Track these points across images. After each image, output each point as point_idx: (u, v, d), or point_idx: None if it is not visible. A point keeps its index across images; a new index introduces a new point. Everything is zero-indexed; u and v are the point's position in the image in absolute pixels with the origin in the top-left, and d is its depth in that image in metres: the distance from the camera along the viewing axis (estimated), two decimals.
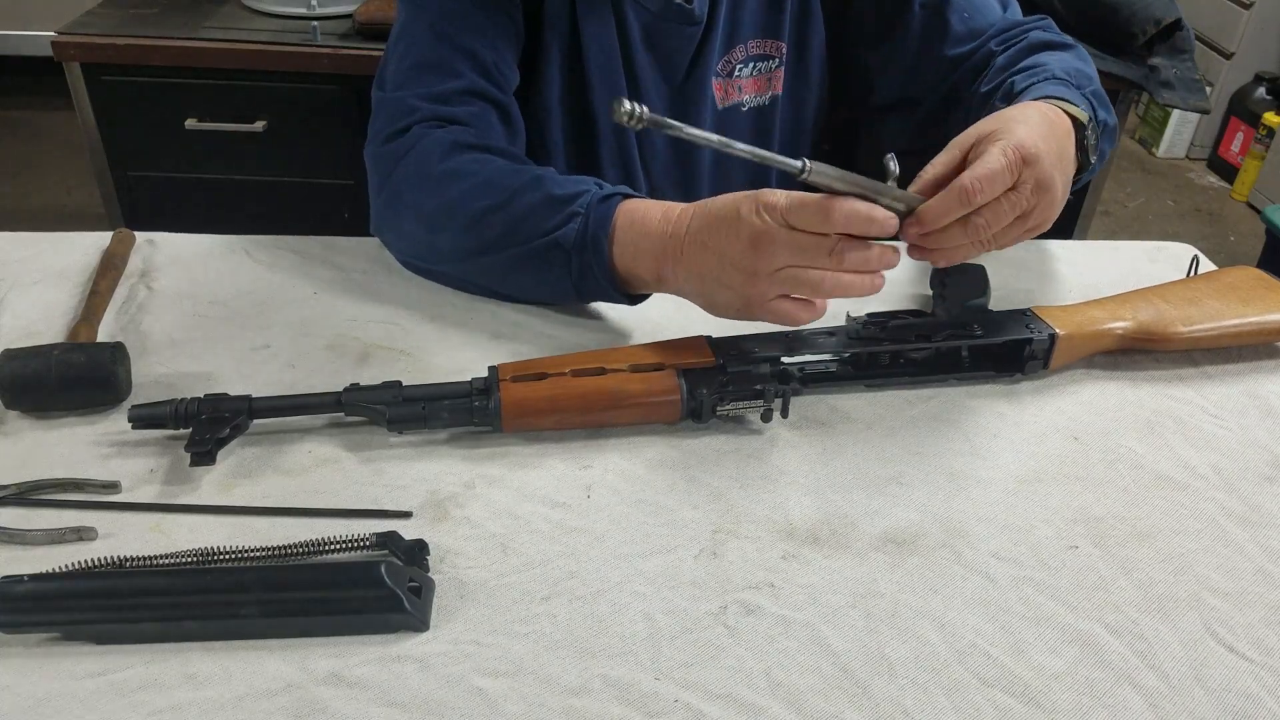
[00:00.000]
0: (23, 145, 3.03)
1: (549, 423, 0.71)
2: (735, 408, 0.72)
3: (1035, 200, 0.70)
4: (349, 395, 0.70)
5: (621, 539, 0.64)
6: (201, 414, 0.68)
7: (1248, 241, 2.95)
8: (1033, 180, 0.69)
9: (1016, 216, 0.70)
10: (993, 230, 0.70)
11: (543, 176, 0.80)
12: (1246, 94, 3.23)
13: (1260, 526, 0.68)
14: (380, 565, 0.57)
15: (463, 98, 0.87)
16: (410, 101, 0.86)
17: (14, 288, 0.87)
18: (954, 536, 0.65)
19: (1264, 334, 0.84)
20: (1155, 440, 0.75)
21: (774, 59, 1.00)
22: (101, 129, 1.70)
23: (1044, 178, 0.69)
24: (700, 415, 0.72)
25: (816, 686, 0.55)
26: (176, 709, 0.53)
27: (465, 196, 0.81)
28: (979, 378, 0.79)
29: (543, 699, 0.54)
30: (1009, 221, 0.70)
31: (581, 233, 0.77)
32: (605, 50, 0.93)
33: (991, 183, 0.68)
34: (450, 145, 0.83)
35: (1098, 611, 0.61)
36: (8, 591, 0.55)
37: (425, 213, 0.83)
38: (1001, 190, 0.69)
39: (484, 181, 0.81)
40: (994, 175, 0.68)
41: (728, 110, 1.01)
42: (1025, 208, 0.70)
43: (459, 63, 0.87)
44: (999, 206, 0.69)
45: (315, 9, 1.72)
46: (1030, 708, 0.55)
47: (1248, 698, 0.56)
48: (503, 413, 0.70)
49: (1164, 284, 0.87)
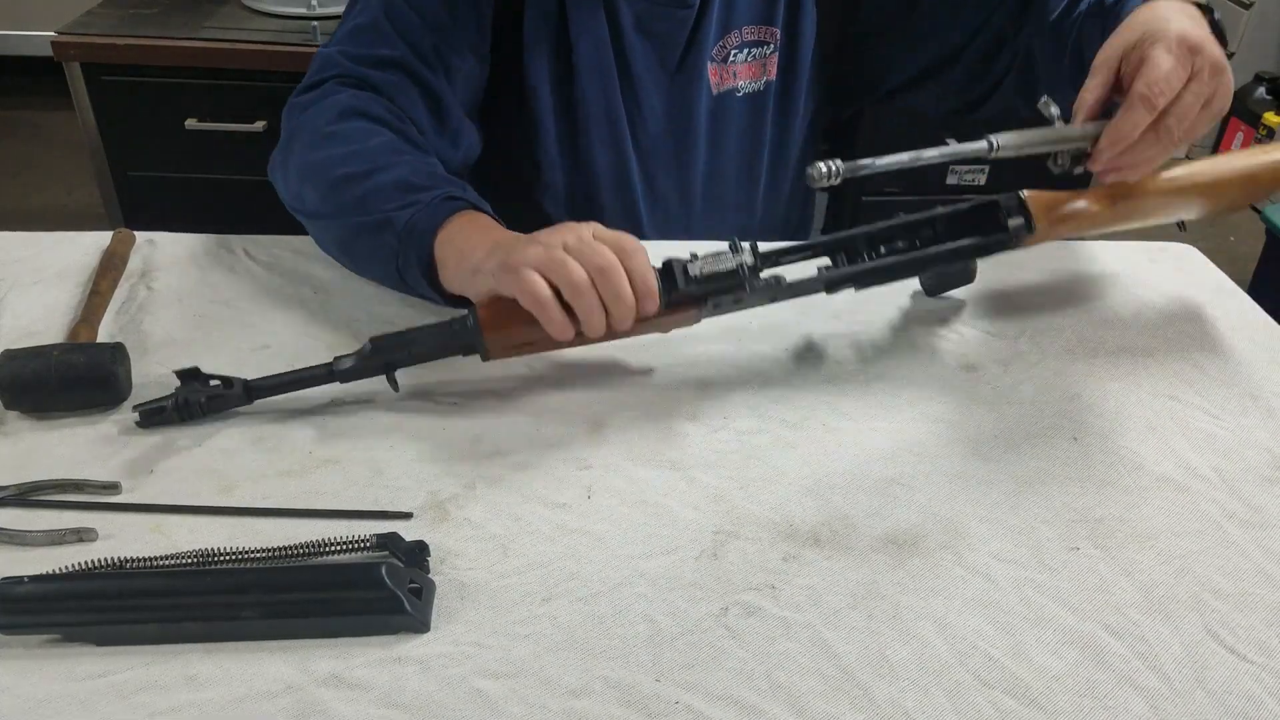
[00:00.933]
0: (23, 145, 3.03)
1: (533, 334, 0.70)
2: (709, 271, 0.71)
3: (1215, 84, 0.71)
4: (340, 361, 0.72)
5: (622, 540, 0.64)
6: (203, 401, 0.70)
7: (1248, 241, 2.95)
8: (1206, 65, 0.70)
9: (1202, 107, 0.71)
10: (1185, 125, 0.70)
11: (412, 162, 0.80)
12: (1246, 94, 3.22)
13: (1261, 528, 0.68)
14: (381, 567, 0.57)
15: (387, 66, 0.88)
16: (334, 57, 0.89)
17: (14, 288, 0.86)
18: (955, 538, 0.65)
19: (1255, 178, 0.83)
20: (1156, 441, 0.75)
21: (769, 45, 1.00)
22: (101, 129, 1.70)
23: (1215, 59, 0.70)
24: (675, 289, 0.71)
25: (817, 688, 0.55)
26: (177, 710, 0.53)
27: (335, 160, 0.81)
28: (965, 250, 0.78)
29: (543, 701, 0.54)
30: (1196, 113, 0.71)
31: (412, 220, 0.76)
32: (596, 35, 0.93)
33: (1169, 82, 0.68)
34: (346, 108, 0.84)
35: (1099, 613, 0.60)
36: (8, 593, 0.55)
37: (302, 166, 0.84)
38: (1179, 86, 0.69)
39: (357, 151, 0.81)
40: (1169, 74, 0.68)
41: (723, 96, 1.01)
42: (1207, 94, 0.71)
43: (395, 35, 0.88)
44: (1183, 101, 0.70)
45: (315, 9, 1.72)
46: (1031, 709, 0.55)
47: (1249, 699, 0.56)
48: (482, 326, 0.70)
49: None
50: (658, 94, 0.98)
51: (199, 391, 0.71)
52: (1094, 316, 0.89)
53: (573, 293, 0.67)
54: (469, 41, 0.91)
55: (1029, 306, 0.90)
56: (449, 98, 0.90)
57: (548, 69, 0.95)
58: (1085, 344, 0.85)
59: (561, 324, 0.68)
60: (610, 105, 0.97)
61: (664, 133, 1.00)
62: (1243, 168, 0.83)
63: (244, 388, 0.72)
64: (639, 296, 0.68)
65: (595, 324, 0.68)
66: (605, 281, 0.67)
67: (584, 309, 0.67)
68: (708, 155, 1.04)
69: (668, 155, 1.02)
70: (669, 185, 1.04)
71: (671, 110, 1.00)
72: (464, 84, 0.92)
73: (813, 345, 0.84)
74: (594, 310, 0.67)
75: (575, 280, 0.66)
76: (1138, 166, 0.74)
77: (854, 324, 0.86)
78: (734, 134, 1.03)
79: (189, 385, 0.70)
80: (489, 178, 1.01)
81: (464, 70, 0.91)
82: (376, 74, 0.87)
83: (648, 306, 0.69)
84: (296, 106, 0.89)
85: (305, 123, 0.86)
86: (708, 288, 0.72)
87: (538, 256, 0.67)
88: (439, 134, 0.91)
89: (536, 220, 0.90)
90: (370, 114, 0.84)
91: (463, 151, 0.94)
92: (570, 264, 0.67)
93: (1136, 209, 0.81)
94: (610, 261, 0.67)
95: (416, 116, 0.88)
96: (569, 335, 0.69)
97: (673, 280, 0.72)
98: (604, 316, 0.68)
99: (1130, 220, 0.82)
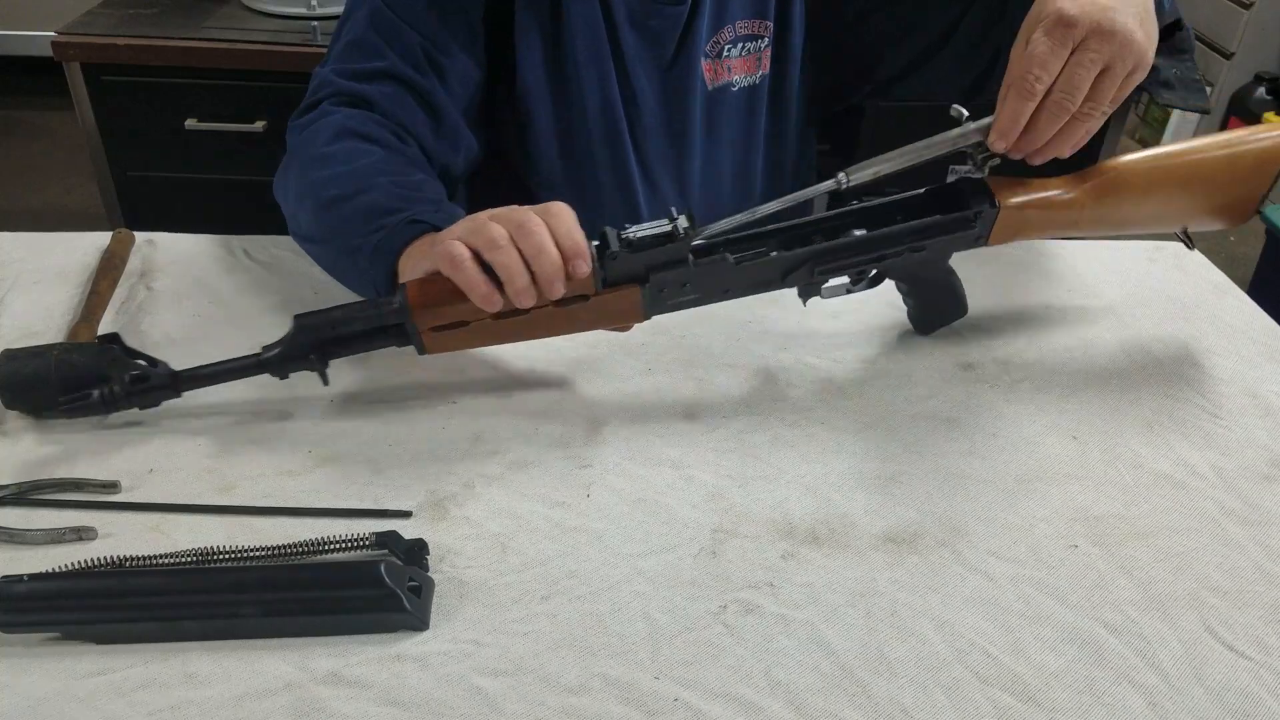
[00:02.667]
0: (23, 145, 3.03)
1: (463, 310, 0.68)
2: (643, 234, 0.69)
3: (1108, 49, 0.68)
4: (267, 349, 0.70)
5: (621, 538, 0.64)
6: (129, 394, 0.69)
7: (1248, 241, 2.95)
8: (1089, 34, 0.67)
9: (1100, 72, 0.69)
10: (1079, 98, 0.69)
11: (387, 185, 0.79)
12: (1246, 94, 3.22)
13: (1259, 525, 0.68)
14: (380, 565, 0.57)
15: (379, 79, 0.88)
16: (329, 77, 0.89)
17: (14, 288, 0.87)
18: (953, 535, 0.65)
19: (1235, 160, 0.78)
20: (1154, 439, 0.75)
21: (762, 38, 1.00)
22: (101, 129, 1.70)
23: (1097, 23, 0.67)
24: (608, 250, 0.69)
25: (816, 685, 0.55)
26: (176, 708, 0.53)
27: (325, 182, 0.81)
28: (929, 228, 0.75)
29: (542, 698, 0.54)
30: (1091, 82, 0.69)
31: (379, 245, 0.75)
32: (591, 31, 0.94)
33: (1044, 65, 0.67)
34: (339, 129, 0.84)
35: (1097, 610, 0.61)
36: (8, 591, 0.55)
37: (298, 189, 0.84)
38: (1058, 65, 0.68)
39: (346, 173, 0.81)
40: (1042, 57, 0.67)
41: (717, 91, 1.01)
42: (1103, 62, 0.69)
43: (385, 45, 0.88)
44: (1071, 76, 0.68)
45: (315, 9, 1.72)
46: (1029, 706, 0.55)
47: (1247, 696, 0.56)
48: (410, 303, 0.68)
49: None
50: (652, 89, 0.98)
51: (121, 382, 0.69)
52: (1093, 315, 0.89)
53: (489, 247, 0.65)
54: (460, 42, 0.91)
55: (1027, 305, 0.91)
56: (445, 102, 0.91)
57: (541, 65, 0.95)
58: (1084, 343, 0.85)
59: (480, 284, 0.65)
60: (607, 100, 0.97)
61: (660, 128, 1.01)
62: (1221, 142, 0.78)
63: (171, 377, 0.70)
64: (566, 255, 0.66)
65: (517, 280, 0.65)
66: (525, 236, 0.65)
67: (502, 265, 0.65)
68: (704, 150, 1.04)
69: (664, 150, 1.02)
70: (666, 180, 1.04)
71: (666, 105, 1.00)
72: (460, 86, 0.92)
73: (811, 344, 0.84)
74: (515, 267, 0.65)
75: (493, 236, 0.65)
76: (1051, 144, 0.71)
77: (853, 322, 0.86)
78: (729, 129, 1.03)
79: (108, 352, 0.68)
80: (485, 174, 1.01)
81: (458, 71, 0.91)
82: (371, 88, 0.88)
83: (579, 267, 0.66)
84: (295, 127, 0.89)
85: (301, 145, 0.86)
86: (646, 258, 0.70)
87: (463, 226, 0.67)
88: (438, 139, 0.91)
89: None
90: (361, 132, 0.84)
91: (463, 154, 0.94)
92: (490, 224, 0.66)
93: (1111, 191, 0.77)
94: (529, 218, 0.66)
95: (414, 125, 0.88)
96: (494, 300, 0.66)
97: (605, 244, 0.70)
98: (526, 274, 0.66)
99: (1113, 212, 0.78)
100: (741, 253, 0.73)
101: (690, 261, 0.71)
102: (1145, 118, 3.56)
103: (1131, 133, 3.58)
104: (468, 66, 0.92)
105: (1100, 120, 0.71)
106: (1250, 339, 0.88)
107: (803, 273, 0.74)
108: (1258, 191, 0.78)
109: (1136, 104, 3.42)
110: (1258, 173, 0.77)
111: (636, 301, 0.72)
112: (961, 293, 0.83)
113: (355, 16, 0.91)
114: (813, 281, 0.75)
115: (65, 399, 0.69)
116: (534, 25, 0.93)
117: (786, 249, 0.74)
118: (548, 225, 0.66)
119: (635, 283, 0.71)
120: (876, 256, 0.75)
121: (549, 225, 0.66)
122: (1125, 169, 0.77)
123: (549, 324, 0.71)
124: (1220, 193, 0.78)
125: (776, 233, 0.75)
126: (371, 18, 0.89)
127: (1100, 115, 0.71)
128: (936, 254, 0.77)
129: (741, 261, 0.73)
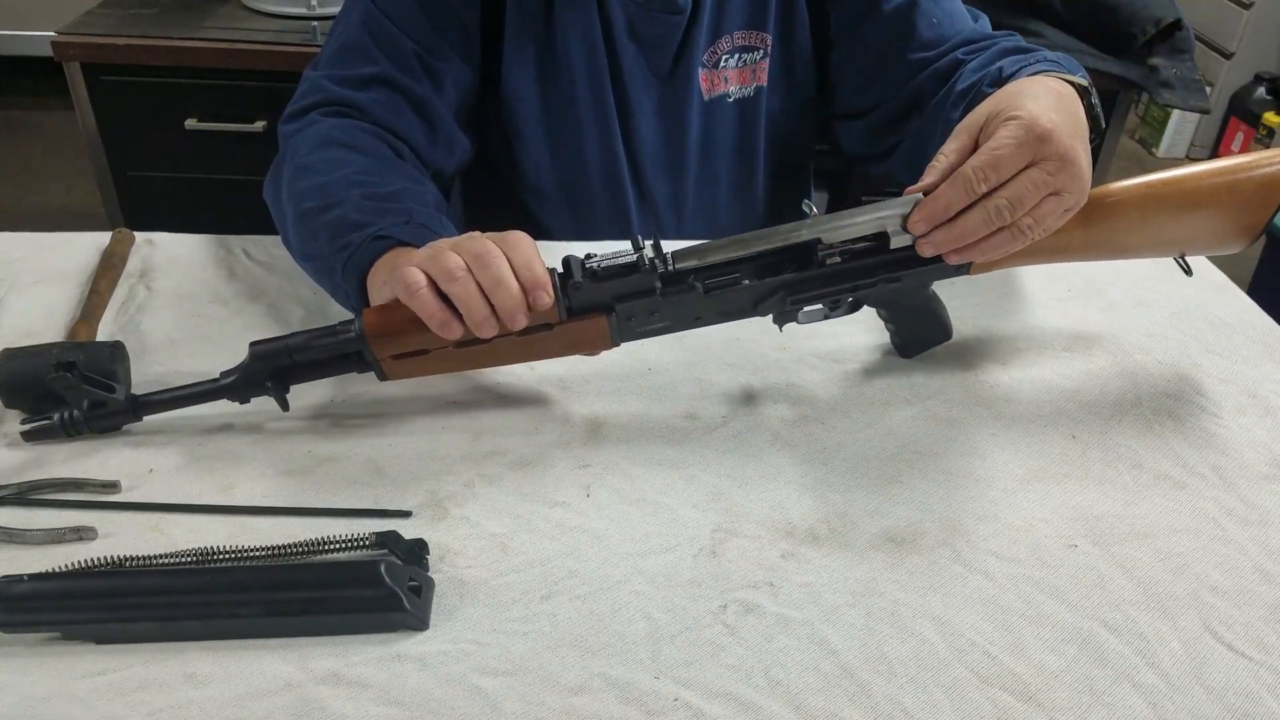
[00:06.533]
0: (23, 145, 3.03)
1: (423, 339, 0.67)
2: (608, 265, 0.67)
3: (1064, 176, 0.66)
4: (224, 376, 0.70)
5: (621, 538, 0.64)
6: (88, 420, 0.69)
7: None
8: (1053, 156, 0.65)
9: (1048, 195, 0.66)
10: (1022, 213, 0.66)
11: (359, 199, 0.77)
12: (1246, 94, 3.23)
13: (1259, 525, 0.68)
14: (380, 564, 0.57)
15: (372, 84, 0.88)
16: (320, 82, 0.89)
17: (14, 288, 0.87)
18: (953, 535, 0.65)
19: (1235, 187, 0.75)
20: (1154, 439, 0.75)
21: (759, 50, 1.00)
22: (101, 129, 1.70)
23: (1064, 150, 0.65)
24: (571, 280, 0.67)
25: (816, 685, 0.55)
26: (176, 708, 0.53)
27: (306, 193, 0.80)
28: (910, 260, 0.72)
29: (542, 698, 0.54)
30: (1037, 202, 0.66)
31: (347, 262, 0.74)
32: (588, 40, 0.93)
33: (1002, 164, 0.65)
34: (323, 139, 0.84)
35: (1097, 610, 0.61)
36: (7, 591, 0.55)
37: (284, 197, 0.84)
38: (1014, 169, 0.65)
39: (325, 184, 0.80)
40: (1001, 158, 0.65)
41: (713, 102, 1.01)
42: (1055, 185, 0.66)
43: (377, 49, 0.88)
44: (1019, 185, 0.65)
45: (315, 9, 1.72)
46: (1029, 706, 0.55)
47: (1247, 696, 0.56)
48: (367, 331, 0.67)
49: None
50: (648, 99, 0.98)
51: (82, 408, 0.68)
52: (1093, 315, 0.89)
53: (446, 278, 0.64)
54: (453, 46, 0.91)
55: (1027, 305, 0.91)
56: (438, 106, 0.91)
57: (532, 73, 0.95)
58: (1083, 342, 0.85)
59: (437, 312, 0.64)
60: (602, 109, 0.97)
61: (655, 137, 1.01)
62: (1219, 170, 0.75)
63: (132, 402, 0.70)
64: (526, 287, 0.65)
65: (476, 313, 0.64)
66: (482, 268, 0.64)
67: (459, 297, 0.64)
68: (699, 161, 1.04)
69: (659, 160, 1.02)
70: (661, 190, 1.04)
71: (663, 115, 1.00)
72: (453, 89, 0.92)
73: (810, 345, 0.84)
74: (472, 298, 0.64)
75: (449, 267, 0.63)
76: (973, 248, 0.68)
77: (852, 322, 0.86)
78: (726, 140, 1.03)
79: (64, 378, 0.67)
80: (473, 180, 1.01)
81: (451, 75, 0.91)
82: (363, 94, 0.87)
83: (539, 298, 0.65)
84: (284, 133, 0.89)
85: (289, 153, 0.85)
86: (613, 288, 0.68)
87: (421, 254, 0.66)
88: (432, 144, 0.91)
89: (525, 226, 0.90)
90: (345, 141, 0.84)
91: (457, 158, 0.95)
92: (447, 254, 0.65)
93: (1101, 217, 0.74)
94: (488, 248, 0.65)
95: (407, 131, 0.88)
96: (452, 329, 0.65)
97: (569, 273, 0.68)
98: (486, 306, 0.64)
99: (1103, 239, 0.75)
100: (712, 280, 0.71)
101: (658, 291, 0.69)
102: (1145, 118, 3.56)
103: (1131, 133, 3.58)
104: (462, 70, 0.92)
105: (1028, 242, 0.68)
106: (1250, 339, 0.88)
107: (775, 301, 0.72)
108: (1261, 219, 0.75)
109: (1136, 104, 3.42)
110: (1261, 201, 0.75)
111: (604, 330, 0.70)
112: (944, 317, 0.81)
113: (349, 19, 0.91)
114: (786, 310, 0.73)
115: (25, 421, 0.69)
116: (525, 33, 0.93)
117: (759, 277, 0.72)
118: (506, 256, 0.65)
119: (601, 312, 0.69)
120: (851, 286, 0.73)
121: (508, 256, 0.65)
122: (1116, 196, 0.74)
123: (513, 352, 0.70)
124: (1220, 220, 0.76)
125: (748, 259, 0.71)
126: (365, 22, 0.89)
127: (1034, 237, 0.68)
128: (915, 283, 0.74)
129: (711, 290, 0.71)
